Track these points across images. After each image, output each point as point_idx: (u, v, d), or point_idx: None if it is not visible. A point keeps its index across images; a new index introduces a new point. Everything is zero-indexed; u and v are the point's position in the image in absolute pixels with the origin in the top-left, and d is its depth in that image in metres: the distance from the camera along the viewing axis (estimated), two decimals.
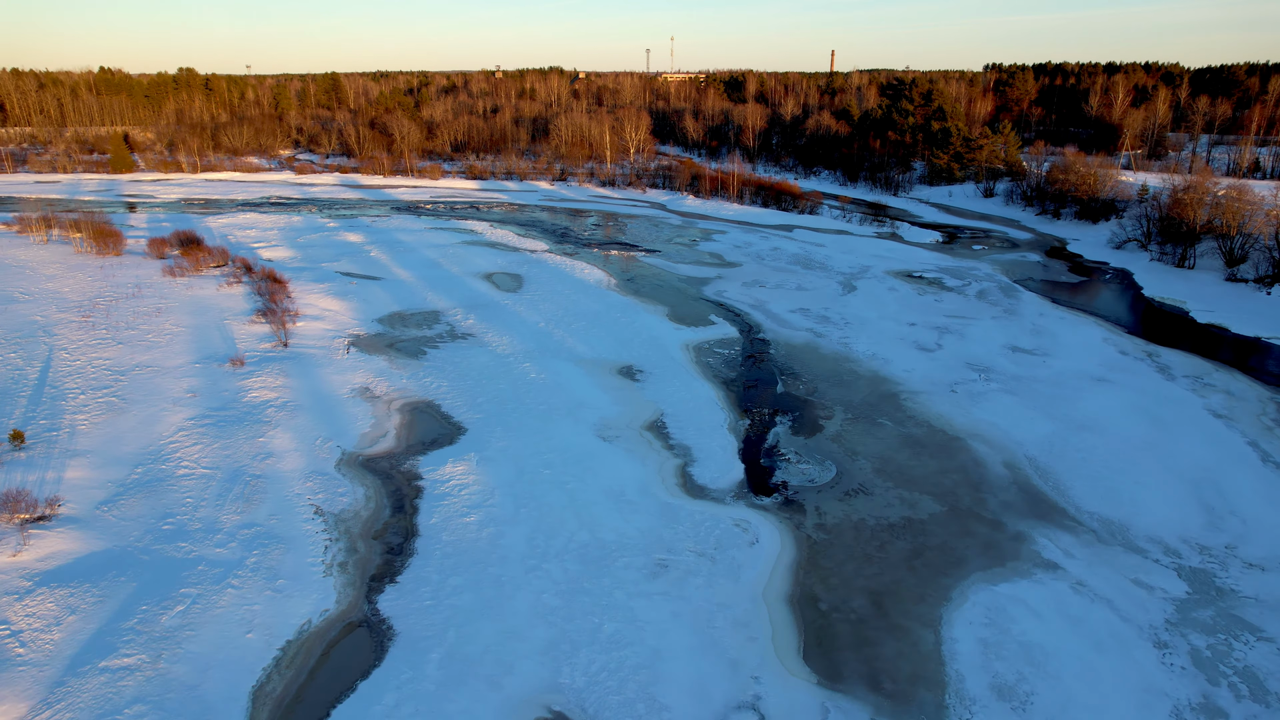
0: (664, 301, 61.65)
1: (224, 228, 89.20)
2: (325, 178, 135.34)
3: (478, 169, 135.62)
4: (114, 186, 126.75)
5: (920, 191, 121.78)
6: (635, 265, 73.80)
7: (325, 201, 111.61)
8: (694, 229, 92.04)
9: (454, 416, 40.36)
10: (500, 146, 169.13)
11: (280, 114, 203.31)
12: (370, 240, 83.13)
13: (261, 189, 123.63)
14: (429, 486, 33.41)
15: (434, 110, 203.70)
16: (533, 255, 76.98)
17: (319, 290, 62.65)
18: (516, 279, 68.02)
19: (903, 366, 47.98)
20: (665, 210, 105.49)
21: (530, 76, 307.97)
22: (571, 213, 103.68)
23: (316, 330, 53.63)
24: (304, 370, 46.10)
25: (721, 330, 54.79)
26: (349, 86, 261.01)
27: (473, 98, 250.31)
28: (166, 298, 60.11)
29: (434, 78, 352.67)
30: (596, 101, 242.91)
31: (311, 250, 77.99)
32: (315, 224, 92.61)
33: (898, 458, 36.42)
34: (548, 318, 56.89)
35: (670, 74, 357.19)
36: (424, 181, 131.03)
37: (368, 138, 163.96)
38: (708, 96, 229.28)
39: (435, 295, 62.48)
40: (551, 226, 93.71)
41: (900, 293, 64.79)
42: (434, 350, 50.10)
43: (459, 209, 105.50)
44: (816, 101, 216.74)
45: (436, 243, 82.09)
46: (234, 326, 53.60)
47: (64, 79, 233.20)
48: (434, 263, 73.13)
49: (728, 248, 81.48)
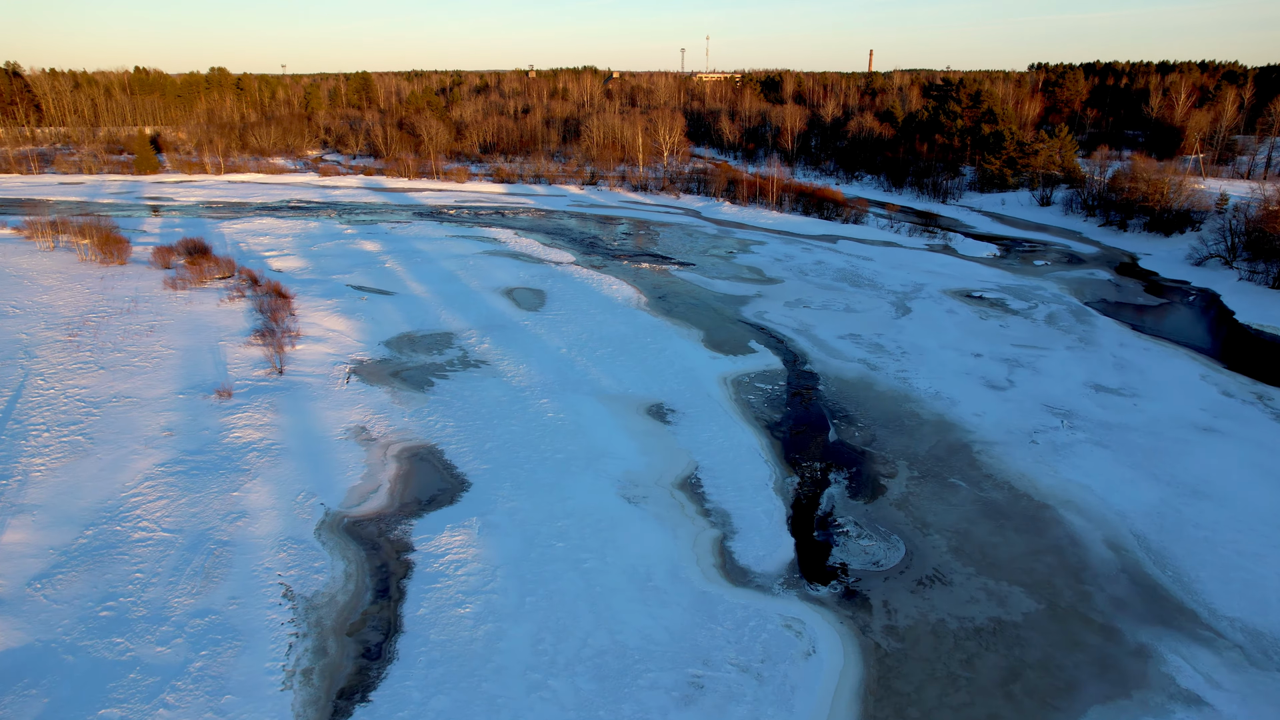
0: (699, 324, 56.10)
1: (238, 234, 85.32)
2: (349, 180, 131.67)
3: (505, 172, 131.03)
4: (136, 188, 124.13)
5: (970, 199, 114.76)
6: (668, 280, 68.31)
7: (346, 206, 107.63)
8: (731, 239, 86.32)
9: (457, 466, 35.21)
10: (530, 148, 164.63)
11: (309, 114, 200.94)
12: (387, 249, 78.60)
13: (283, 191, 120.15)
14: (420, 562, 28.25)
15: (464, 110, 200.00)
16: (558, 268, 71.83)
17: (326, 307, 58.04)
18: (539, 295, 62.88)
19: (972, 408, 41.93)
20: (700, 218, 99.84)
21: (563, 76, 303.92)
22: (601, 220, 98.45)
23: (317, 354, 48.91)
24: (297, 404, 41.31)
25: (763, 360, 49.09)
26: (380, 86, 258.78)
27: (504, 98, 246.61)
28: (162, 314, 55.89)
29: (467, 77, 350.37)
30: (630, 102, 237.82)
31: (324, 260, 73.60)
32: (332, 230, 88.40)
33: (977, 532, 30.54)
34: (570, 342, 51.63)
35: (705, 74, 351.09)
36: (449, 185, 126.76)
37: (395, 138, 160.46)
38: (744, 97, 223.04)
39: (450, 314, 57.54)
40: (579, 235, 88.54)
41: (960, 316, 58.54)
42: (442, 380, 45.06)
43: (483, 215, 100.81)
44: (857, 103, 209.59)
45: (456, 253, 77.30)
46: (229, 349, 49.07)
47: (100, 79, 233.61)
48: (452, 275, 68.27)
49: (767, 261, 75.63)
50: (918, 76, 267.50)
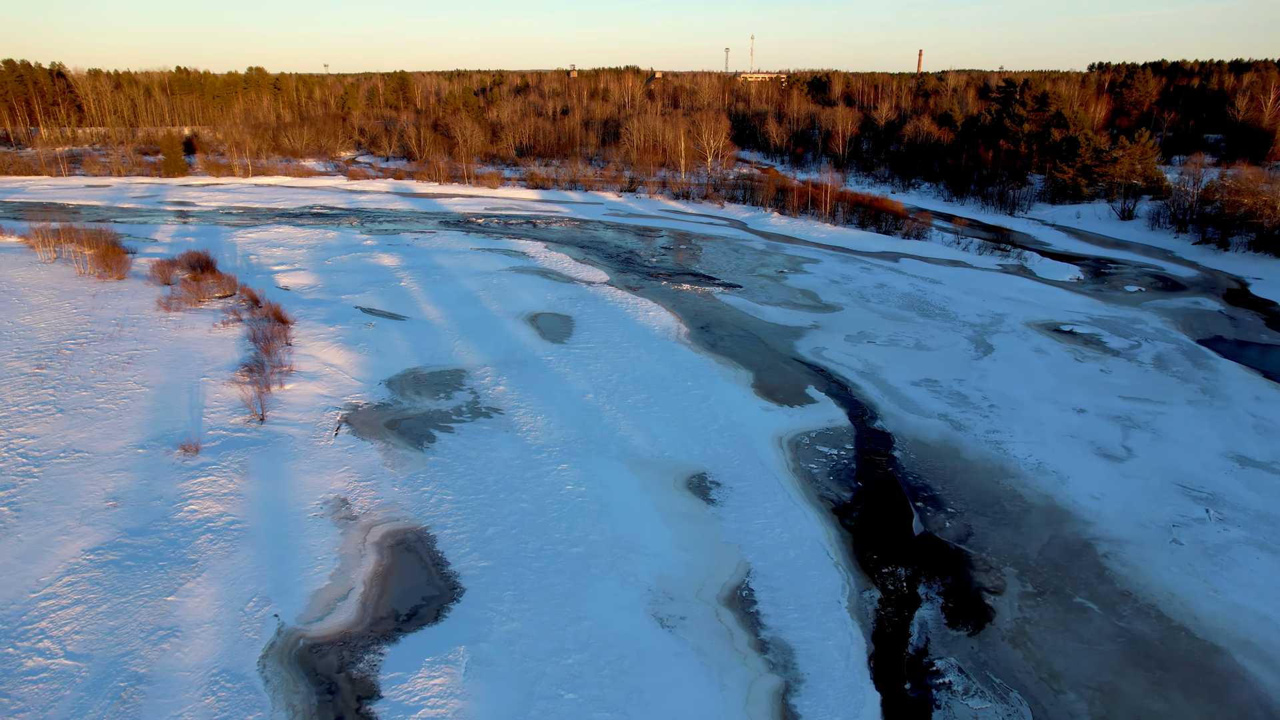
0: (747, 362, 48.67)
1: (250, 244, 79.94)
2: (377, 184, 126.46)
3: (539, 177, 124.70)
4: (160, 192, 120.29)
5: (1041, 211, 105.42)
6: (711, 306, 60.94)
7: (370, 213, 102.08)
8: (781, 255, 78.61)
9: (450, 563, 28.35)
10: (567, 151, 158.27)
11: (345, 114, 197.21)
12: (405, 265, 72.42)
13: (308, 197, 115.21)
14: (385, 717, 21.41)
15: (500, 111, 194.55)
16: (589, 289, 64.88)
17: (327, 335, 51.79)
18: (566, 323, 55.98)
19: (1086, 487, 33.97)
20: (746, 230, 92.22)
21: (604, 76, 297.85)
22: (639, 231, 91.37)
23: (308, 396, 42.57)
24: (272, 465, 34.89)
25: (825, 413, 41.52)
26: (420, 85, 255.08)
27: (543, 98, 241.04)
28: (146, 340, 50.13)
29: (509, 77, 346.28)
30: (672, 103, 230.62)
31: (336, 276, 67.61)
32: (350, 241, 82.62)
33: (1128, 690, 22.79)
34: (598, 384, 44.59)
35: (749, 74, 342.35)
36: (481, 190, 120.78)
37: (429, 140, 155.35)
38: (791, 98, 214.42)
39: (464, 345, 50.90)
40: (615, 249, 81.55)
41: (1051, 357, 50.26)
42: (446, 434, 38.33)
43: (513, 225, 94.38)
44: (909, 105, 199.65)
45: (480, 269, 70.80)
46: (209, 388, 42.97)
47: (143, 79, 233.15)
48: (471, 297, 61.73)
49: (823, 283, 67.84)
50: (973, 77, 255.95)
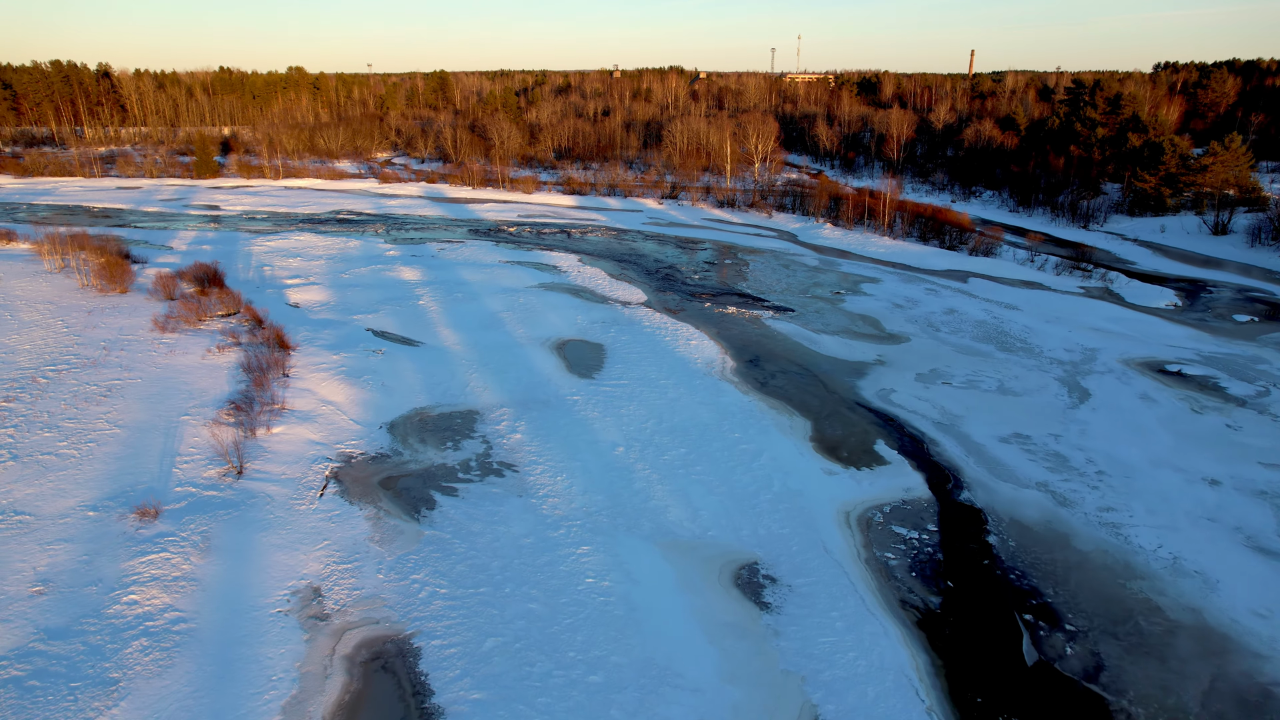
0: (804, 407, 42.06)
1: (267, 254, 75.32)
2: (409, 188, 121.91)
3: (577, 182, 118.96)
4: (189, 195, 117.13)
5: (1119, 224, 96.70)
6: (760, 334, 54.34)
7: (398, 219, 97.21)
8: (836, 273, 71.60)
9: (434, 692, 22.34)
10: (607, 154, 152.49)
11: (382, 114, 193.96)
12: (427, 279, 67.00)
13: (336, 201, 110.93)
14: None
15: (539, 112, 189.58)
16: (624, 311, 58.72)
17: (330, 364, 46.34)
18: (597, 352, 49.87)
19: (1245, 597, 26.80)
20: (797, 243, 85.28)
21: (647, 76, 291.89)
22: (681, 243, 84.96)
23: (298, 442, 37.06)
24: (240, 538, 29.31)
25: (899, 479, 34.78)
26: (460, 85, 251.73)
27: (584, 98, 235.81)
28: (133, 368, 45.19)
29: (551, 77, 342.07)
30: (717, 104, 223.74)
31: (351, 293, 62.40)
32: (373, 252, 77.56)
33: None
34: (631, 433, 38.37)
35: (795, 74, 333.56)
36: (515, 195, 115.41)
37: (465, 141, 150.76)
38: (841, 100, 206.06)
39: (481, 379, 45.07)
40: (654, 263, 75.26)
41: (1162, 406, 42.75)
42: (448, 499, 32.44)
43: (547, 234, 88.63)
44: (966, 107, 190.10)
45: (507, 286, 65.07)
46: (189, 430, 37.70)
47: (187, 79, 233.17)
48: (495, 320, 55.97)
49: (885, 307, 60.78)
50: (1033, 78, 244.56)
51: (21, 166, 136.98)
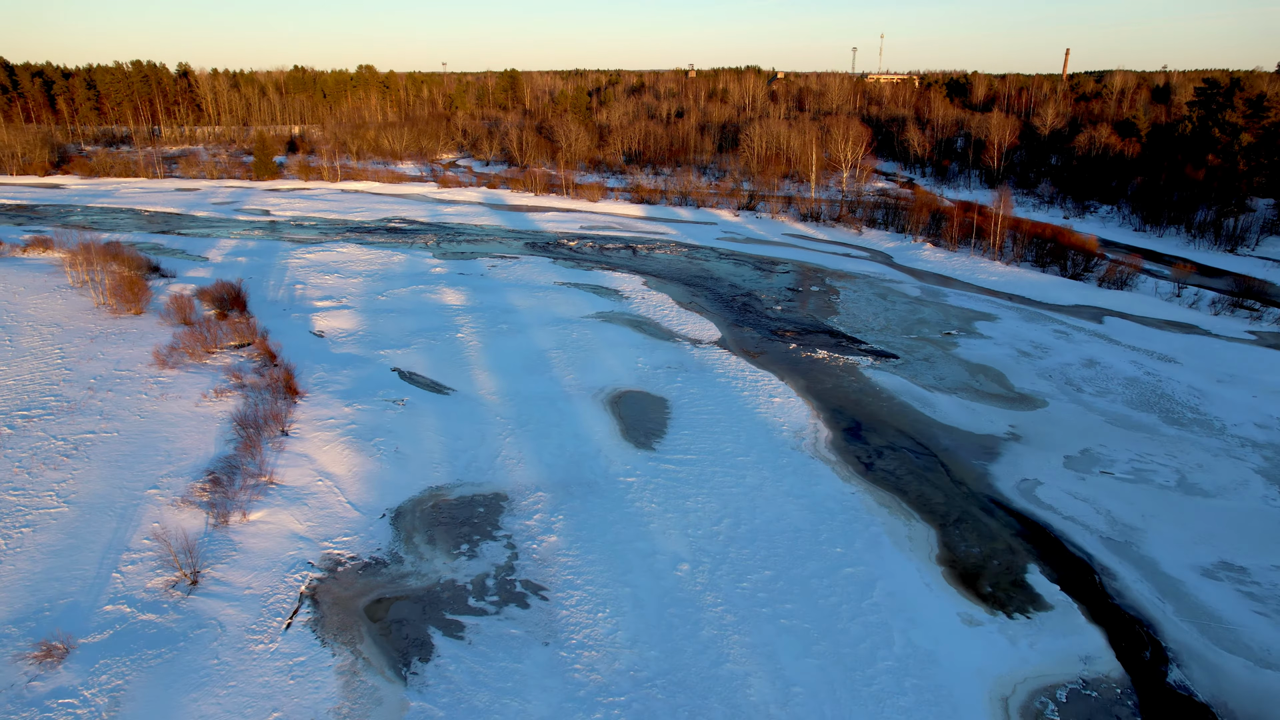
0: (924, 504, 32.43)
1: (303, 270, 68.86)
2: (468, 193, 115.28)
3: (646, 189, 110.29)
4: (242, 198, 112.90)
5: (1272, 247, 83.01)
6: (859, 389, 44.65)
7: (452, 229, 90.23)
8: (943, 306, 61.16)
9: None
10: (680, 158, 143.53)
11: (449, 115, 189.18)
12: (472, 304, 59.28)
13: (391, 207, 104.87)
14: None
15: (610, 113, 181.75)
16: (694, 352, 49.74)
17: (340, 419, 38.69)
18: (659, 410, 41.04)
19: None
20: (893, 266, 74.83)
21: (724, 76, 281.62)
22: (760, 264, 75.42)
23: (276, 536, 29.32)
24: (161, 699, 21.55)
25: (1071, 638, 24.93)
26: (532, 85, 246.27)
27: (658, 99, 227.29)
28: (114, 415, 38.43)
29: (625, 77, 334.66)
30: (797, 105, 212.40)
31: (384, 320, 55.03)
32: (417, 269, 70.38)
33: None
34: (698, 541, 29.44)
35: (877, 75, 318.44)
36: (579, 203, 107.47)
37: (531, 144, 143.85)
38: (932, 102, 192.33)
39: (517, 446, 36.76)
40: (729, 289, 66.04)
41: None
42: (451, 644, 24.09)
43: (610, 250, 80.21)
44: (1069, 110, 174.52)
45: (560, 315, 56.84)
46: (149, 513, 30.40)
47: (263, 78, 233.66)
48: (542, 360, 47.69)
49: (1009, 354, 50.28)
50: (1143, 78, 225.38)
51: (89, 167, 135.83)
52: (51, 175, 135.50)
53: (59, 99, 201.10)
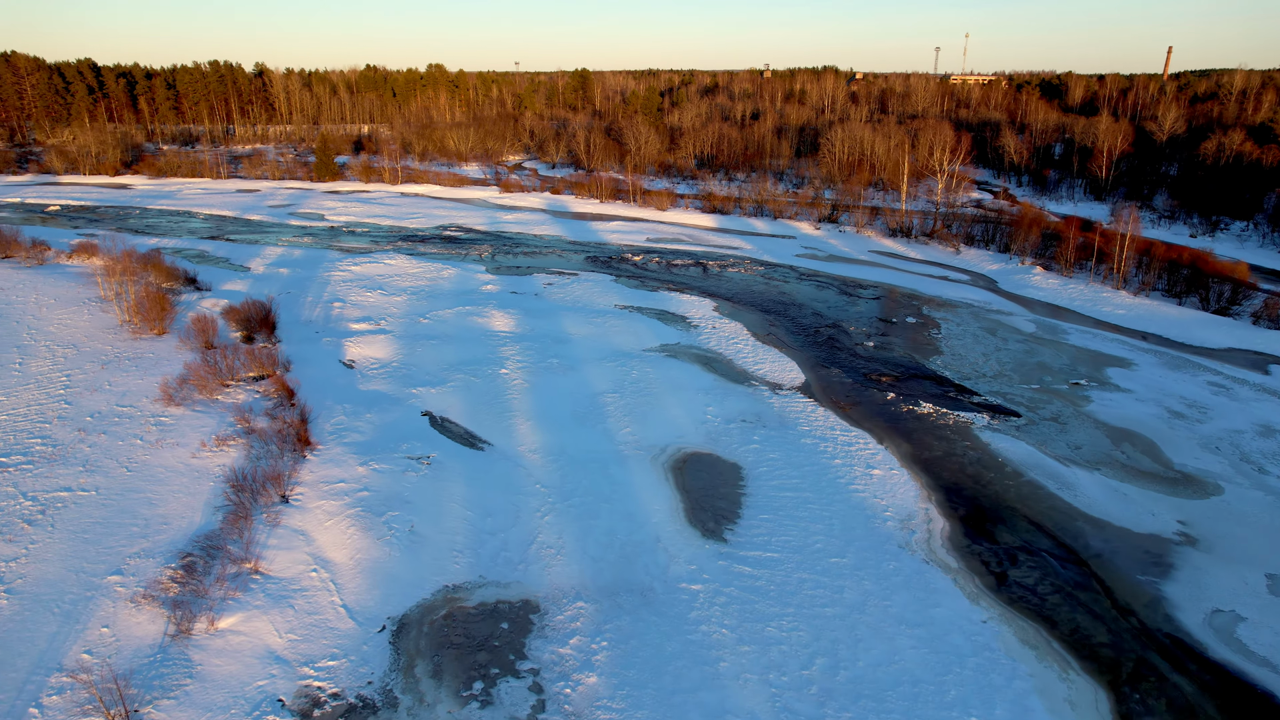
0: (1083, 648, 24.48)
1: (345, 284, 63.76)
2: (530, 198, 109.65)
3: (718, 198, 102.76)
4: (300, 200, 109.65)
5: None
6: (976, 459, 36.58)
7: (509, 240, 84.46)
8: (1064, 346, 52.19)
9: None
10: (755, 163, 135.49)
11: (516, 115, 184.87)
12: (522, 330, 53.00)
13: (449, 212, 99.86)
14: None
15: (682, 115, 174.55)
16: (773, 400, 42.31)
17: (352, 482, 32.64)
18: (732, 482, 33.84)
19: None
20: (998, 293, 65.79)
21: (801, 76, 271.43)
22: (845, 287, 67.29)
23: (244, 657, 23.26)
24: None
25: None
26: (603, 84, 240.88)
27: (732, 100, 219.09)
28: (98, 468, 33.25)
29: (698, 77, 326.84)
30: (879, 108, 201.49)
31: (423, 349, 49.13)
32: (467, 286, 64.56)
33: None
34: (782, 693, 22.23)
35: (961, 75, 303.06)
36: (646, 212, 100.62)
37: (599, 146, 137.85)
38: (1028, 104, 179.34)
39: (556, 529, 30.06)
40: (812, 318, 58.26)
41: None
42: None
43: (678, 267, 73.12)
44: (1182, 112, 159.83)
45: (619, 347, 50.05)
46: (101, 612, 24.78)
47: (335, 77, 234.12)
48: (594, 406, 40.95)
49: (1157, 415, 41.35)
50: (1269, 77, 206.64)
51: (157, 167, 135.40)
52: (121, 175, 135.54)
53: (140, 99, 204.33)
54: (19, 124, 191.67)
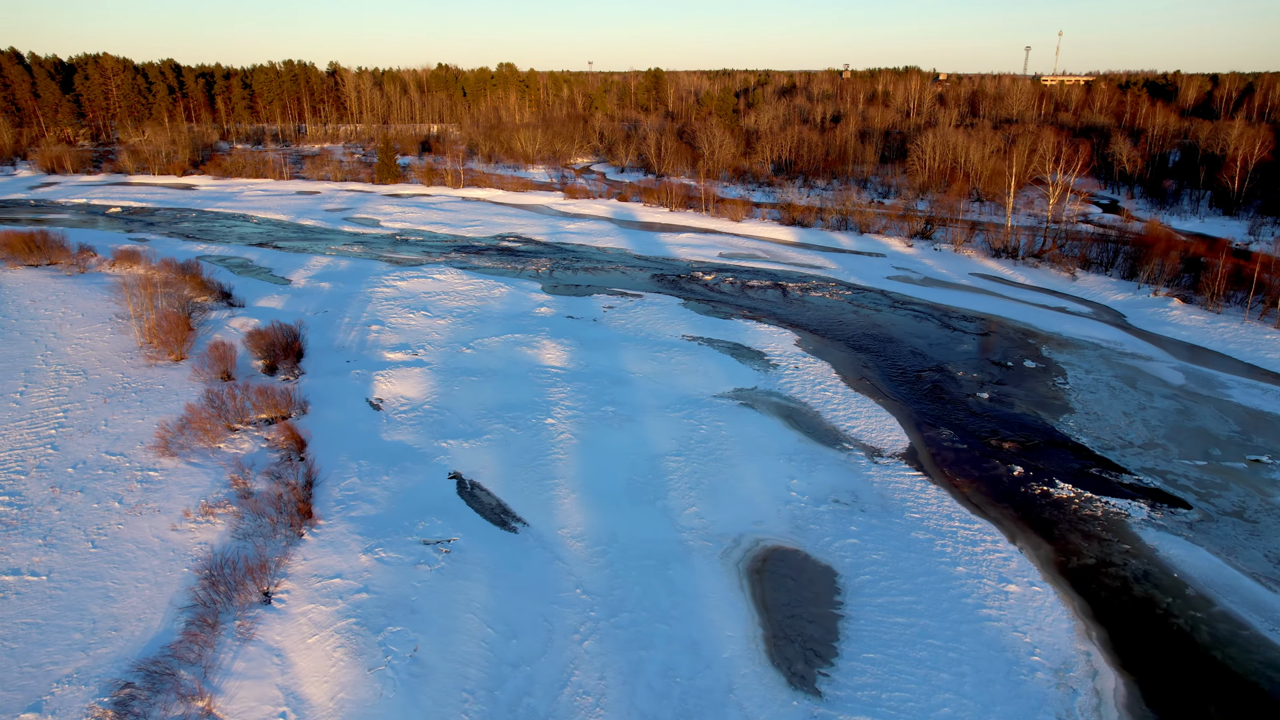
0: None
1: (388, 303, 58.32)
2: (595, 206, 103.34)
3: (798, 209, 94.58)
4: (357, 204, 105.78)
5: None
6: (1140, 572, 28.32)
7: (570, 253, 78.19)
8: (1226, 405, 42.87)
9: None
10: (836, 169, 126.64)
11: (586, 116, 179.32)
12: (576, 367, 46.40)
13: (509, 219, 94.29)
14: None
15: (758, 118, 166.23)
16: (871, 472, 34.67)
17: (350, 577, 26.45)
18: (825, 594, 26.47)
19: None
20: (1129, 330, 56.33)
21: (883, 77, 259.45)
22: (947, 319, 58.77)
23: None
24: None
25: None
26: (676, 84, 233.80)
27: (811, 101, 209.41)
28: (61, 538, 27.96)
29: (775, 77, 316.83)
30: (969, 110, 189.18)
31: (461, 388, 42.99)
32: (520, 307, 58.38)
33: None
34: None
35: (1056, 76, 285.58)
36: (720, 223, 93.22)
37: (670, 150, 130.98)
38: (1136, 107, 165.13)
39: (598, 663, 23.28)
40: (911, 358, 50.13)
41: None
42: None
43: (754, 289, 65.60)
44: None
45: (686, 391, 43.00)
46: None
47: (406, 76, 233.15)
48: (653, 473, 34.00)
49: None
50: None
51: (222, 167, 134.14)
52: (188, 175, 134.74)
53: (218, 98, 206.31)
54: (105, 124, 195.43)
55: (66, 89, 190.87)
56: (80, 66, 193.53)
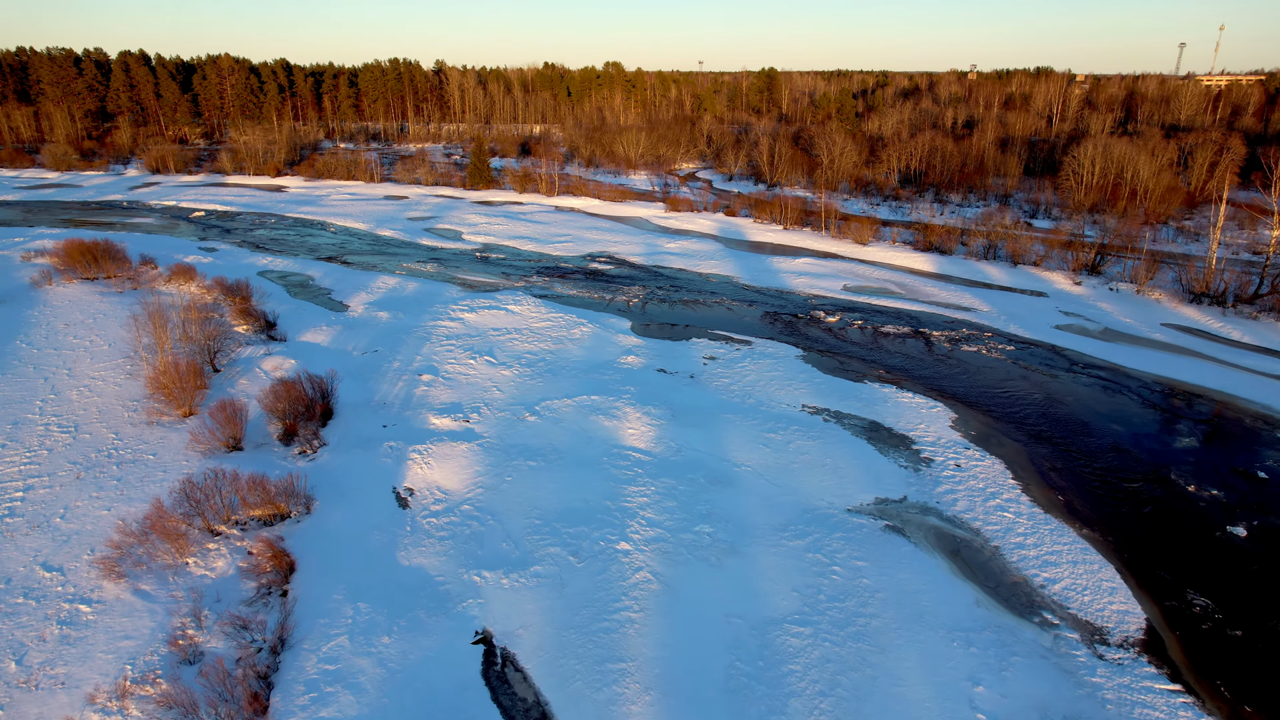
0: None
1: (448, 343, 49.40)
2: (700, 221, 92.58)
3: (937, 231, 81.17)
4: (443, 212, 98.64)
5: None
6: None
7: (668, 279, 67.79)
8: None
9: None
10: (974, 182, 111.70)
11: (694, 118, 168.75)
12: (662, 453, 35.94)
13: (601, 235, 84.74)
14: None
15: (881, 122, 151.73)
16: (1094, 676, 22.82)
17: None
18: None
19: None
20: None
21: (1018, 78, 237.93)
22: (1152, 397, 45.22)
23: None
24: None
25: None
26: (788, 85, 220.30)
27: (938, 104, 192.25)
28: (18, 699, 19.39)
29: (894, 78, 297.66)
30: (1125, 115, 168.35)
31: (516, 480, 33.22)
32: (602, 355, 48.38)
33: None
34: None
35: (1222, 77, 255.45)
36: (842, 246, 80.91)
37: (784, 157, 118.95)
38: None
39: None
40: (1110, 456, 37.31)
41: None
42: None
43: (890, 340, 53.47)
44: None
45: (810, 501, 31.92)
46: None
47: (512, 75, 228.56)
48: (767, 661, 23.23)
49: None
50: None
51: (314, 168, 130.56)
52: (282, 175, 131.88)
53: (325, 97, 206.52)
54: (219, 123, 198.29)
55: (185, 89, 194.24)
56: (199, 67, 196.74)
